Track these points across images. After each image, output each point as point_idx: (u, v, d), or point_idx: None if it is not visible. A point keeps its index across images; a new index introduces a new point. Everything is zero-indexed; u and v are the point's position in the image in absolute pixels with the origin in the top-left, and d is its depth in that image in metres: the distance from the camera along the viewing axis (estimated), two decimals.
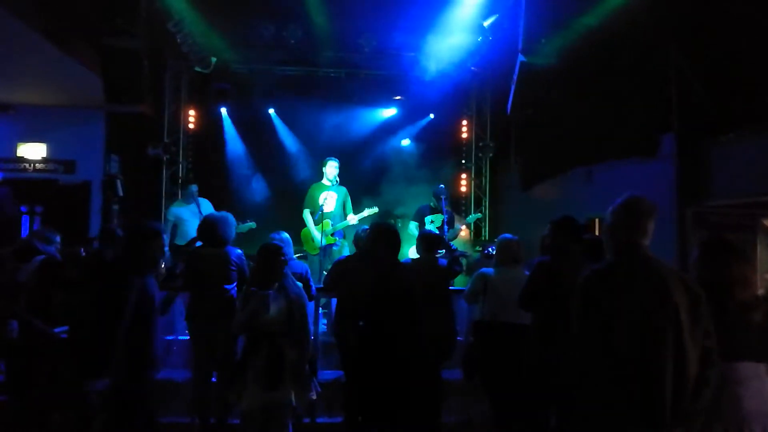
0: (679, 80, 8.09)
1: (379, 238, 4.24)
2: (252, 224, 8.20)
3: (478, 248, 9.60)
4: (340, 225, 8.13)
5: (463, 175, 11.73)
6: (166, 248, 5.27)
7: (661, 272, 2.74)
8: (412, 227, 8.09)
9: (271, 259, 4.48)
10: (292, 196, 9.58)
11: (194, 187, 8.60)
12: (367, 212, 8.16)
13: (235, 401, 4.39)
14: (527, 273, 4.61)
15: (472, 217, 9.53)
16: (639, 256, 2.80)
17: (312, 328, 5.70)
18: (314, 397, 4.56)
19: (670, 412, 2.58)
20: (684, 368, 2.61)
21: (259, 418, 4.33)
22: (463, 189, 11.63)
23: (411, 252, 6.70)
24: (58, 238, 5.33)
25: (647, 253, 2.83)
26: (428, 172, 10.46)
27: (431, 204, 8.18)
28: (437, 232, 6.89)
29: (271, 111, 11.46)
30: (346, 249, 8.12)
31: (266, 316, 4.33)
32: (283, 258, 4.51)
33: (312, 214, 8.16)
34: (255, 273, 4.65)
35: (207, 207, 8.41)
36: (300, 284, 4.71)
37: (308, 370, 4.53)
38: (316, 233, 8.00)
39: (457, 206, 11.28)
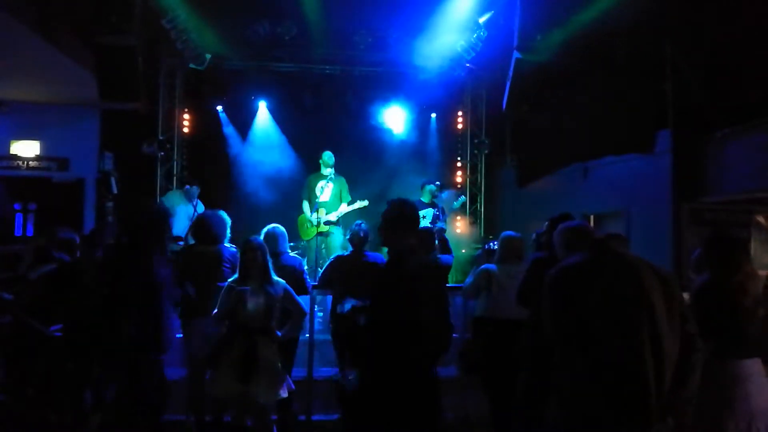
0: (675, 76, 8.10)
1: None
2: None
3: (478, 245, 9.58)
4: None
5: (459, 172, 11.70)
6: None
7: (632, 264, 2.68)
8: None
9: (246, 256, 4.53)
10: (287, 191, 9.59)
11: (196, 189, 8.51)
12: (357, 204, 8.23)
13: (210, 390, 4.50)
14: None
15: (457, 202, 9.58)
16: (609, 250, 2.76)
17: (307, 325, 5.69)
18: (285, 395, 4.55)
19: (655, 406, 2.51)
20: (663, 359, 2.52)
21: (235, 408, 4.57)
22: (459, 186, 11.61)
23: None
24: (77, 240, 5.27)
25: (616, 247, 2.80)
26: (423, 168, 10.44)
27: (423, 200, 8.21)
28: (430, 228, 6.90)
29: (263, 104, 11.36)
30: (339, 235, 8.24)
31: (244, 312, 4.40)
32: (260, 255, 4.52)
33: (309, 202, 8.43)
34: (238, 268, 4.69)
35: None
36: (283, 282, 4.70)
37: (280, 367, 4.54)
38: (311, 216, 8.32)
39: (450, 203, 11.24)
